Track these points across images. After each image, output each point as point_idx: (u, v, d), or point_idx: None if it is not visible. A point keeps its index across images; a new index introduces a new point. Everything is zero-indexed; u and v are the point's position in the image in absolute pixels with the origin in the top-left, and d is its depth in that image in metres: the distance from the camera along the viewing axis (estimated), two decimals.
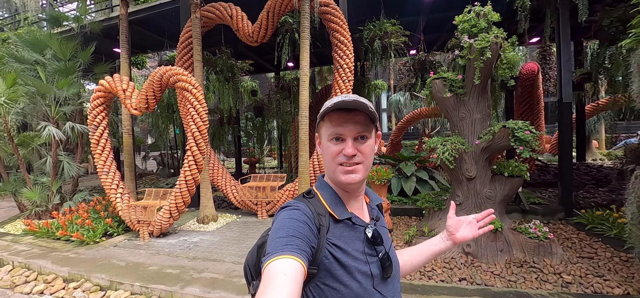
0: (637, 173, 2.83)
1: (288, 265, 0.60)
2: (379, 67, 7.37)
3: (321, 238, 0.74)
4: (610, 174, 7.16)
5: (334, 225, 0.78)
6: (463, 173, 3.89)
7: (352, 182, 0.77)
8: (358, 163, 0.77)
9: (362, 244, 0.78)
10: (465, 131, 4.00)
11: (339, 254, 0.74)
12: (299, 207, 0.75)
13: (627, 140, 12.62)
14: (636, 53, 2.74)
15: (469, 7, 3.86)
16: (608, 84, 6.14)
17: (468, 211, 3.91)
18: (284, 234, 0.67)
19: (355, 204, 0.84)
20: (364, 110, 0.76)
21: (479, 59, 3.50)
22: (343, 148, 0.76)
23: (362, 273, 0.74)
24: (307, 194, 0.83)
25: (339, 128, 0.76)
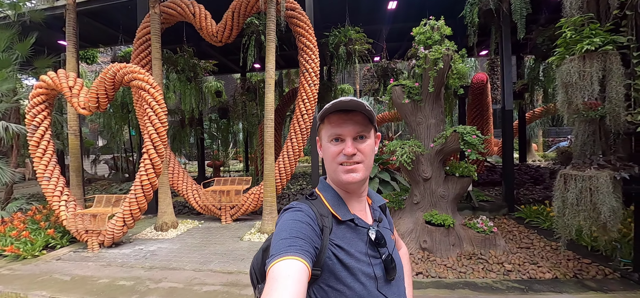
0: (561, 172, 3.27)
1: (292, 266, 0.60)
2: (345, 72, 7.60)
3: (324, 239, 0.73)
4: (546, 173, 8.11)
5: (337, 226, 0.78)
6: (420, 174, 4.16)
7: (353, 181, 0.78)
8: (358, 163, 0.78)
9: (365, 246, 0.78)
10: (421, 135, 4.29)
11: (342, 255, 0.74)
12: (302, 208, 0.75)
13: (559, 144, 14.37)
14: (560, 69, 3.17)
15: (425, 21, 4.17)
16: (543, 94, 6.96)
17: (425, 209, 4.19)
18: (287, 235, 0.67)
19: (357, 205, 0.84)
20: (361, 110, 0.78)
21: (433, 69, 3.79)
22: (343, 148, 0.78)
23: (365, 275, 0.74)
24: (309, 195, 0.84)
25: (338, 128, 0.78)
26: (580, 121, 3.35)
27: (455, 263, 3.54)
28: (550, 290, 2.94)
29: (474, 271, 3.37)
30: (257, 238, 4.36)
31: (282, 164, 5.03)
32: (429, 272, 3.36)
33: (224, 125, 7.80)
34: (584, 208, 2.96)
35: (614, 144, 3.33)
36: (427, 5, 6.52)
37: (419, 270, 3.39)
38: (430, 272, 3.34)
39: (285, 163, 5.04)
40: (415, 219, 4.19)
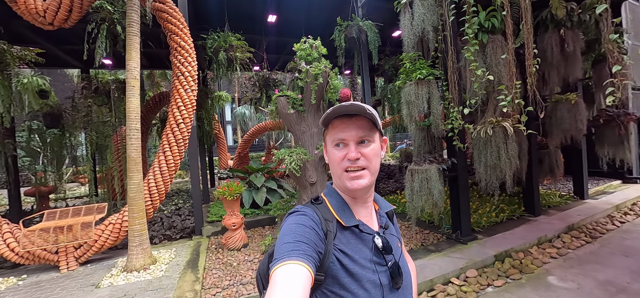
0: (409, 168, 4.27)
1: (295, 270, 0.59)
2: (222, 79, 7.18)
3: (328, 243, 0.72)
4: (395, 169, 10.37)
5: (341, 232, 0.76)
6: (306, 179, 4.44)
7: (358, 187, 0.76)
8: (363, 168, 0.76)
9: (371, 252, 0.76)
10: (306, 143, 4.60)
11: (346, 261, 0.72)
12: (306, 212, 0.74)
13: (401, 146, 18.74)
14: (403, 90, 4.15)
15: (304, 39, 4.53)
16: (389, 108, 8.91)
17: None
18: (291, 239, 0.66)
19: (363, 211, 0.82)
20: (363, 114, 0.76)
21: (314, 83, 4.16)
22: (347, 152, 0.76)
23: (370, 282, 0.72)
24: (315, 200, 0.82)
25: (341, 133, 0.77)
26: (417, 129, 4.48)
27: None
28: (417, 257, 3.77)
29: None
30: (123, 280, 3.45)
31: (154, 183, 4.20)
32: None
33: (55, 137, 5.74)
34: (423, 192, 3.97)
35: (436, 145, 4.64)
36: (304, 24, 7.12)
37: None
38: None
39: (157, 181, 4.24)
40: None
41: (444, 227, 4.68)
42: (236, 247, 4.44)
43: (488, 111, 3.86)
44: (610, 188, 6.69)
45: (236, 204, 4.66)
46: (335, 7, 6.53)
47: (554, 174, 5.59)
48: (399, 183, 8.65)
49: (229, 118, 20.05)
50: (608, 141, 5.47)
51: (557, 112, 4.75)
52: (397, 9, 4.25)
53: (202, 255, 4.24)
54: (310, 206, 0.79)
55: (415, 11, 3.94)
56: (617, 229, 4.63)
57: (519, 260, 3.73)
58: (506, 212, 5.10)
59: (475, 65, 3.51)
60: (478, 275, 3.42)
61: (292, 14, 6.78)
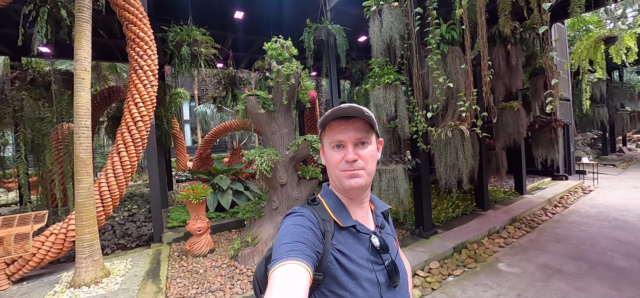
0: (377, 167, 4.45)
1: (293, 270, 0.59)
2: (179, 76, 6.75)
3: (326, 243, 0.72)
4: None
5: (339, 232, 0.76)
6: (277, 180, 4.39)
7: (356, 186, 0.77)
8: (360, 169, 0.77)
9: (367, 252, 0.77)
10: (276, 144, 4.55)
11: (344, 260, 0.72)
12: (304, 213, 0.75)
13: None
14: (372, 93, 4.32)
15: (275, 38, 4.47)
16: None
17: (283, 213, 4.46)
18: (289, 240, 0.66)
19: (360, 211, 0.83)
20: (361, 116, 0.77)
21: (286, 83, 4.14)
22: (344, 154, 0.77)
23: (368, 281, 0.73)
24: (311, 201, 0.83)
25: (339, 135, 0.77)
26: (384, 131, 4.70)
27: None
28: None
29: None
30: (70, 296, 3.06)
31: (106, 187, 3.79)
32: None
33: None
34: (391, 191, 4.17)
35: (402, 146, 4.91)
36: (272, 23, 7.03)
37: None
38: None
39: (111, 184, 3.84)
40: (275, 224, 4.36)
41: (408, 223, 4.96)
42: (202, 253, 4.21)
43: (448, 115, 4.20)
44: (542, 184, 7.70)
45: (201, 207, 4.42)
46: (304, 8, 6.56)
47: (500, 173, 6.26)
48: None
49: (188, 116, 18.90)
50: (542, 143, 6.29)
51: (503, 118, 5.34)
52: (367, 15, 4.41)
53: (164, 264, 3.94)
54: (307, 207, 0.80)
55: (384, 19, 4.13)
56: (550, 219, 5.35)
57: (473, 251, 4.11)
58: (461, 208, 5.58)
59: (438, 73, 3.79)
60: (440, 266, 3.70)
61: (260, 11, 6.65)
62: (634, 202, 6.09)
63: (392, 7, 4.06)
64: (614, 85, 12.04)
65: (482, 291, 3.15)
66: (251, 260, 3.89)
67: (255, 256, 3.92)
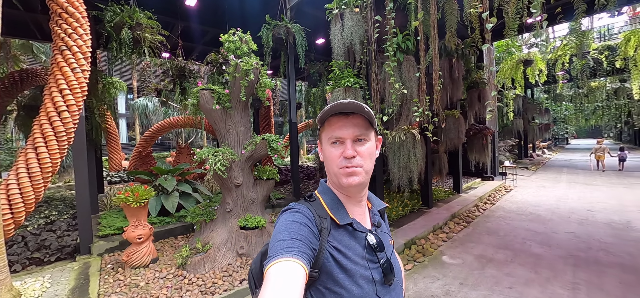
0: None
1: (289, 267, 0.59)
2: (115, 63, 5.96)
3: (322, 240, 0.72)
4: (314, 171, 10.76)
5: (335, 230, 0.76)
6: (232, 180, 4.14)
7: (353, 184, 0.76)
8: (358, 166, 0.76)
9: (363, 250, 0.77)
10: (232, 142, 4.29)
11: (340, 257, 0.73)
12: (300, 210, 0.75)
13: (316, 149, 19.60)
14: (333, 95, 4.37)
15: (233, 31, 4.24)
16: (313, 112, 9.21)
17: (238, 216, 4.22)
18: (285, 237, 0.66)
19: (357, 209, 0.82)
20: (360, 112, 0.76)
21: (244, 79, 3.94)
22: (343, 150, 0.76)
23: (363, 278, 0.73)
24: (308, 197, 0.82)
25: (338, 131, 0.76)
26: None
27: None
28: None
29: None
30: None
31: (17, 189, 3.11)
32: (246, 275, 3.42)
33: None
34: None
35: None
36: (227, 15, 6.65)
37: (241, 278, 3.36)
38: None
39: (23, 186, 3.16)
40: (229, 227, 4.10)
41: None
42: (143, 263, 3.75)
43: (402, 119, 4.46)
44: (474, 184, 8.71)
45: (143, 212, 3.94)
46: (262, 3, 6.35)
47: (442, 174, 6.89)
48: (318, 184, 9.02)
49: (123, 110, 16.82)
50: (475, 148, 7.10)
51: (446, 124, 5.88)
52: (329, 18, 4.45)
53: (94, 279, 3.40)
54: (304, 203, 0.79)
55: (345, 23, 4.22)
56: (482, 215, 6.06)
57: (421, 246, 4.43)
58: (409, 206, 5.98)
59: (394, 79, 4.01)
60: None
61: (214, 1, 6.24)
62: (543, 199, 7.27)
63: (354, 13, 4.17)
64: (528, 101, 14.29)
65: (430, 282, 3.40)
66: (202, 267, 3.59)
67: (207, 263, 3.63)
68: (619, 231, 4.77)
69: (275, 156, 4.23)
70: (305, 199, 0.82)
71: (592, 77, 12.39)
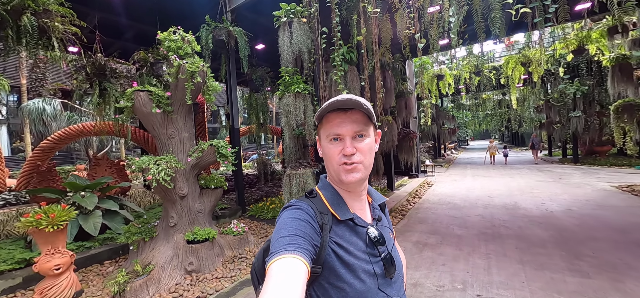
0: (287, 173, 4.55)
1: (291, 264, 0.59)
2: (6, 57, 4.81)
3: (324, 236, 0.73)
4: (254, 178, 10.46)
5: (336, 225, 0.77)
6: (176, 191, 3.81)
7: (353, 181, 0.77)
8: (358, 162, 0.76)
9: (364, 244, 0.78)
10: (175, 149, 3.95)
11: (342, 253, 0.73)
12: (301, 206, 0.75)
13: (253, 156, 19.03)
14: (283, 101, 4.43)
15: (174, 29, 3.93)
16: (254, 117, 8.99)
17: (184, 230, 3.89)
18: (287, 233, 0.66)
19: (357, 204, 0.83)
20: (359, 108, 0.75)
21: (190, 81, 3.69)
22: (342, 147, 0.76)
23: (365, 272, 0.74)
24: (309, 194, 0.82)
25: (336, 128, 0.76)
26: (291, 137, 4.88)
27: (224, 272, 3.66)
28: None
29: (241, 271, 3.70)
30: None
31: None
32: (206, 291, 3.20)
33: None
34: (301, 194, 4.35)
35: (305, 152, 5.21)
36: (156, 11, 6.06)
37: (195, 295, 3.11)
38: (207, 291, 3.20)
39: None
40: (174, 243, 3.74)
41: None
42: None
43: None
44: (404, 182, 9.83)
45: (60, 237, 3.27)
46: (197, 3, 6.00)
47: (378, 174, 7.59)
48: (262, 191, 8.85)
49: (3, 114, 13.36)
50: (404, 150, 8.03)
51: (382, 128, 6.53)
52: (277, 25, 4.52)
53: None
54: (305, 200, 0.80)
55: (294, 32, 4.35)
56: (413, 208, 6.91)
57: None
58: None
59: (342, 87, 4.31)
60: None
61: None
62: (456, 190, 8.68)
63: (302, 22, 4.34)
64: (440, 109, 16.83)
65: None
66: (145, 292, 3.19)
67: (151, 286, 3.24)
68: (511, 211, 6.09)
69: (225, 162, 4.05)
70: (306, 195, 0.83)
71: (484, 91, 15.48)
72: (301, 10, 4.39)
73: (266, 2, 5.75)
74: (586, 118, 12.15)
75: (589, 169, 11.42)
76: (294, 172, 4.50)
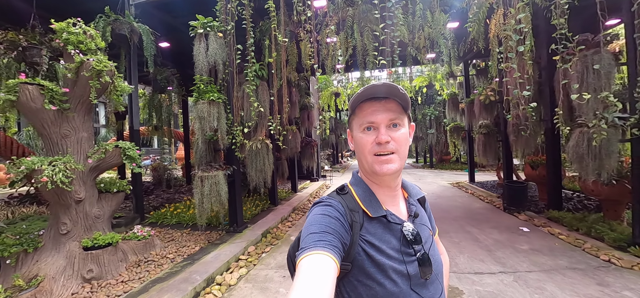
0: (198, 175, 4.78)
1: (320, 260, 0.60)
2: None
3: (354, 234, 0.71)
4: (150, 185, 9.57)
5: (368, 223, 0.75)
6: (72, 195, 3.55)
7: (388, 172, 0.74)
8: (392, 152, 0.74)
9: (399, 242, 0.74)
10: (69, 150, 3.68)
11: (373, 252, 0.71)
12: (332, 203, 0.74)
13: (145, 161, 16.79)
14: (197, 107, 4.68)
15: (74, 20, 3.70)
16: (156, 119, 8.34)
17: (79, 237, 3.65)
18: (317, 229, 0.67)
19: (390, 200, 0.80)
20: (394, 96, 0.74)
21: (96, 80, 3.57)
22: (376, 136, 0.74)
23: (397, 273, 0.71)
24: (340, 190, 0.81)
25: (371, 116, 0.75)
26: (204, 141, 5.13)
27: (130, 276, 3.64)
28: (202, 255, 4.27)
29: (149, 272, 3.76)
30: None
31: None
32: (113, 294, 3.19)
33: None
34: (213, 195, 4.68)
35: (216, 156, 5.52)
36: None
37: None
38: (114, 293, 3.19)
39: None
40: (67, 252, 3.48)
41: (224, 224, 5.60)
42: None
43: (258, 131, 5.42)
44: (306, 185, 11.01)
45: None
46: None
47: (283, 177, 8.41)
48: (162, 198, 8.32)
49: None
50: (306, 156, 9.16)
51: (288, 136, 7.40)
52: (192, 34, 4.75)
53: None
54: (336, 196, 0.78)
55: (209, 44, 4.69)
56: None
57: (274, 234, 5.52)
58: (260, 206, 6.99)
59: (253, 99, 4.92)
60: (255, 249, 4.72)
61: None
62: None
63: (218, 37, 4.74)
64: (338, 121, 19.26)
65: (284, 255, 4.51)
66: None
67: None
68: None
69: (132, 165, 4.00)
70: (337, 192, 0.80)
71: None
72: (218, 25, 4.78)
73: (177, 3, 5.80)
74: (438, 135, 16.45)
75: (439, 172, 15.51)
76: (205, 174, 4.77)
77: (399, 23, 4.32)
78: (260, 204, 7.11)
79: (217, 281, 3.68)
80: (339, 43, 4.96)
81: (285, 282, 3.70)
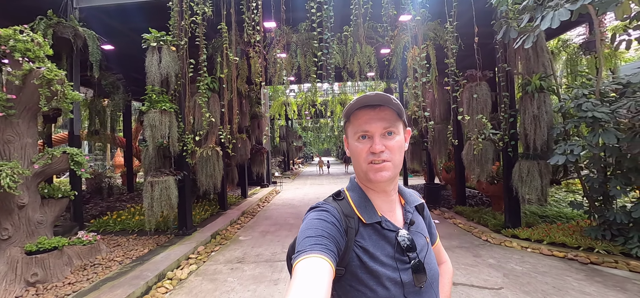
0: (148, 180, 5.00)
1: (316, 263, 0.60)
2: None
3: (349, 240, 0.73)
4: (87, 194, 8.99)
5: (363, 228, 0.76)
6: (15, 201, 3.60)
7: (382, 180, 0.75)
8: (387, 160, 0.75)
9: (393, 249, 0.75)
10: (13, 155, 3.71)
11: (366, 258, 0.72)
12: (327, 208, 0.75)
13: None
14: (148, 115, 4.93)
15: (21, 27, 3.77)
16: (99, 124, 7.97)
17: (20, 243, 3.69)
18: (313, 233, 0.67)
19: (386, 206, 0.81)
20: (388, 105, 0.75)
21: (46, 88, 3.69)
22: (370, 145, 0.75)
23: (390, 280, 0.71)
24: (336, 195, 0.82)
25: (365, 125, 0.76)
26: (154, 148, 5.37)
27: (77, 277, 3.78)
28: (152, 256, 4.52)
29: (98, 274, 3.92)
30: None
31: None
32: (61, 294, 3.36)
33: None
34: (164, 199, 4.96)
35: (166, 162, 5.75)
36: None
37: None
38: (63, 293, 3.36)
39: None
40: (8, 258, 3.52)
41: (173, 228, 5.82)
42: None
43: (209, 139, 5.82)
44: (256, 190, 11.39)
45: None
46: None
47: (233, 183, 8.76)
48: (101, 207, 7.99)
49: None
50: (257, 163, 9.64)
51: (238, 144, 7.84)
52: (145, 45, 5.02)
53: None
54: (331, 201, 0.80)
55: (162, 57, 5.01)
56: (262, 209, 8.51)
57: (223, 235, 5.93)
58: (210, 210, 7.27)
59: (205, 109, 5.34)
60: (204, 248, 5.10)
61: None
62: (297, 195, 11.13)
63: (171, 50, 5.08)
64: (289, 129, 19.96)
65: (233, 252, 5.00)
66: None
67: None
68: None
69: (81, 171, 4.12)
70: (333, 197, 0.82)
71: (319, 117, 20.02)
72: (171, 39, 5.13)
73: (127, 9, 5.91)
74: None
75: None
76: (156, 179, 5.02)
77: (334, 52, 5.23)
78: (210, 209, 7.39)
79: (168, 276, 4.02)
80: (285, 63, 5.69)
81: (233, 273, 4.21)
